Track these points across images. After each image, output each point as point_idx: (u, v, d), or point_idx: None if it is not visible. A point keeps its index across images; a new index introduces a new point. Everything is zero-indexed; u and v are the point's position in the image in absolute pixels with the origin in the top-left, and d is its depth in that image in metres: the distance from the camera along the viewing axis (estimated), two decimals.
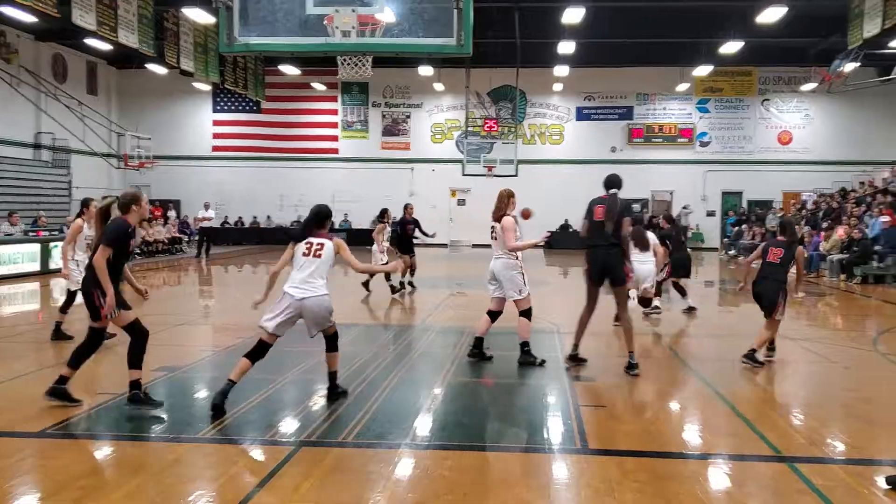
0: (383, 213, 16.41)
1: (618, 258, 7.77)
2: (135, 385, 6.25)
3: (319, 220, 6.61)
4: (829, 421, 6.48)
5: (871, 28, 17.87)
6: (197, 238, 26.12)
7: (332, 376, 6.75)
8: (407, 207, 16.62)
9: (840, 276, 19.14)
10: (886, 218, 20.06)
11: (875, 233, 19.69)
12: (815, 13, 22.94)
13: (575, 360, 8.23)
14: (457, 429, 6.00)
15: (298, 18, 10.98)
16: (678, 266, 12.81)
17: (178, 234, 28.22)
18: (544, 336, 9.90)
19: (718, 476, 5.07)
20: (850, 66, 25.48)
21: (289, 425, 6.07)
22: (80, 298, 6.85)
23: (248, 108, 34.13)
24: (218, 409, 6.12)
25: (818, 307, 14.91)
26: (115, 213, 6.42)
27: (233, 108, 34.47)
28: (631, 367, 7.82)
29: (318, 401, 6.73)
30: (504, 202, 8.34)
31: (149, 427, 6.04)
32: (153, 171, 29.65)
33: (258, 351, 6.38)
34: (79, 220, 9.26)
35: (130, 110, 33.33)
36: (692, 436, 6.03)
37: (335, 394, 6.71)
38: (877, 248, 18.93)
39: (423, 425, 6.10)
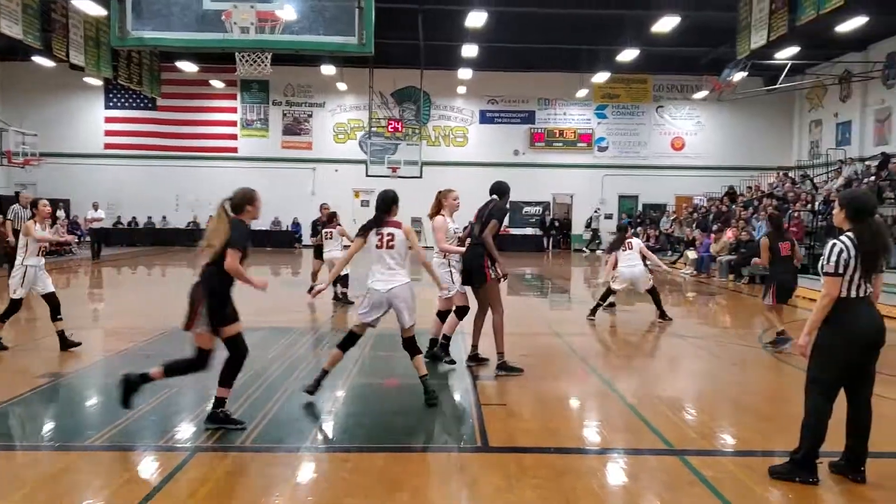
0: (332, 217, 14.34)
1: (477, 259, 7.83)
2: (219, 403, 5.90)
3: (386, 205, 6.72)
4: (717, 415, 6.75)
5: (757, 39, 18.75)
6: (88, 239, 25.05)
7: (423, 381, 6.72)
8: (322, 208, 14.89)
9: (729, 277, 20.00)
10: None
11: (761, 235, 20.64)
12: (706, 24, 23.93)
13: (476, 359, 8.32)
14: (358, 430, 5.94)
15: (195, 13, 10.68)
16: None
17: (66, 236, 26.93)
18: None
19: (614, 470, 5.20)
20: (738, 76, 26.69)
21: (185, 431, 5.88)
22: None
23: (142, 104, 32.99)
24: (311, 393, 6.55)
25: (708, 306, 15.53)
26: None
27: (126, 104, 33.25)
28: (500, 368, 7.93)
29: None
30: (436, 201, 8.51)
31: (36, 435, 5.74)
32: (40, 168, 28.31)
33: (349, 341, 6.71)
34: (30, 222, 8.83)
35: (15, 105, 31.62)
36: (590, 432, 6.17)
37: (432, 398, 6.65)
38: None
39: (324, 428, 6.03)
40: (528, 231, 33.43)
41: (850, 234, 4.80)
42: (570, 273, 24.14)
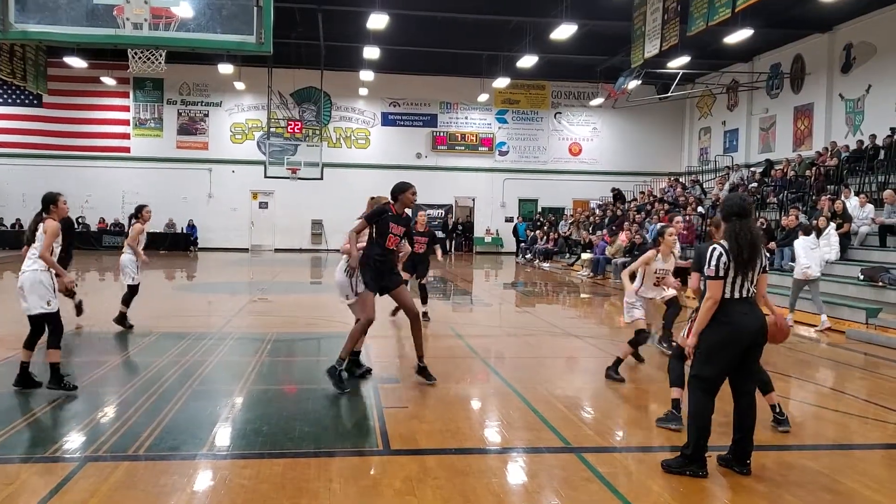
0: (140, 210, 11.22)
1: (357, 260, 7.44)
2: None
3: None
4: (612, 413, 6.95)
5: (651, 49, 19.44)
6: None
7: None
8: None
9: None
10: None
11: (654, 237, 21.38)
12: (602, 33, 24.66)
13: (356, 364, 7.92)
14: (257, 437, 5.82)
15: (85, 7, 10.20)
16: None
17: None
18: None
19: (514, 469, 5.28)
20: (632, 84, 27.61)
21: (73, 440, 5.62)
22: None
23: (27, 101, 31.46)
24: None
25: (604, 307, 15.96)
26: None
27: (10, 100, 31.63)
28: (340, 363, 7.30)
29: (108, 413, 6.31)
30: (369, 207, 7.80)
31: None
32: None
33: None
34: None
35: None
36: (490, 432, 6.23)
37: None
38: None
39: (221, 435, 5.87)
40: None
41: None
42: (472, 275, 24.37)
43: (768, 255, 5.93)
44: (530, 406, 6.84)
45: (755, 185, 22.93)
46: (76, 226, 29.58)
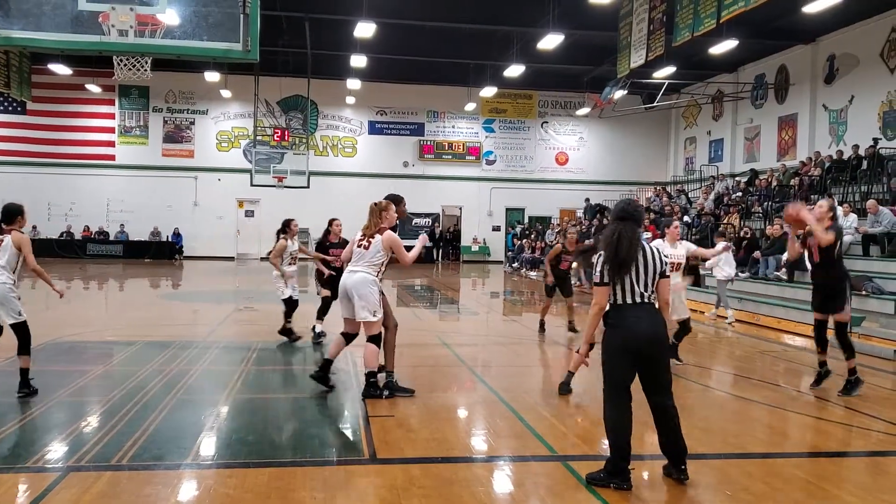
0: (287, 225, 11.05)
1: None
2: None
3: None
4: (598, 420, 6.91)
5: (637, 59, 19.54)
6: None
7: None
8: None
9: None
10: (648, 234, 21.97)
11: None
12: (589, 43, 24.79)
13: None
14: (242, 446, 5.78)
15: (70, 13, 10.16)
16: None
17: None
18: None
19: (500, 478, 5.26)
20: (619, 94, 27.75)
21: (56, 450, 5.56)
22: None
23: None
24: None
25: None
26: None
27: None
28: (389, 375, 7.50)
29: (91, 422, 6.25)
30: (377, 217, 7.32)
31: None
32: None
33: None
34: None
35: None
36: (477, 440, 6.22)
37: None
38: None
39: (206, 444, 5.83)
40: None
41: None
42: (458, 284, 24.37)
43: (667, 257, 5.97)
44: (517, 414, 6.83)
45: (740, 194, 23.07)
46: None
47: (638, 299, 4.87)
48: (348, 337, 7.43)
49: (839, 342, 7.90)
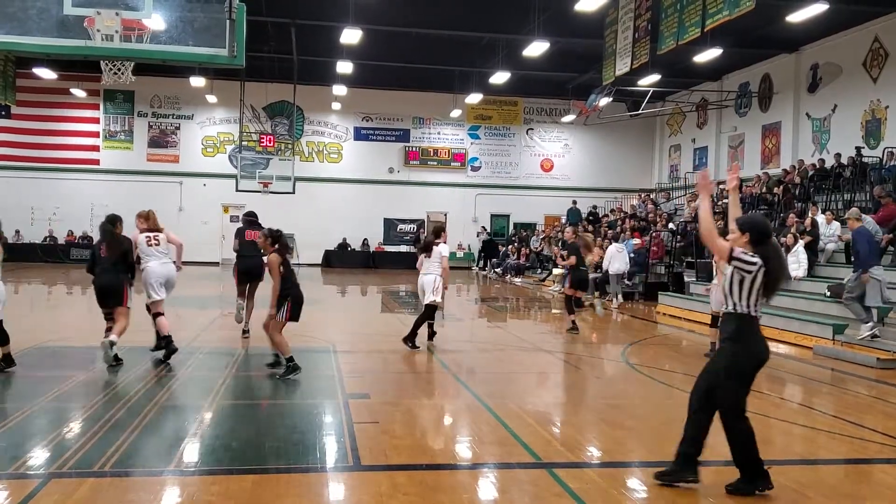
0: (438, 233, 11.65)
1: None
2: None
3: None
4: (583, 427, 6.96)
5: (622, 67, 19.64)
6: None
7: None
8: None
9: (595, 294, 20.70)
10: (637, 241, 22.10)
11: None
12: (574, 50, 24.88)
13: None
14: (226, 453, 5.75)
15: (55, 17, 10.09)
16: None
17: None
18: (320, 355, 9.82)
19: (485, 485, 5.26)
20: (604, 101, 27.88)
21: (37, 456, 5.51)
22: None
23: None
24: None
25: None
26: None
27: None
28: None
29: (73, 428, 6.20)
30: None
31: None
32: None
33: None
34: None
35: None
36: (461, 447, 6.21)
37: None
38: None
39: (189, 450, 5.79)
40: (403, 248, 33.45)
41: None
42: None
43: None
44: (501, 421, 6.82)
45: (724, 201, 23.20)
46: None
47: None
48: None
49: None
